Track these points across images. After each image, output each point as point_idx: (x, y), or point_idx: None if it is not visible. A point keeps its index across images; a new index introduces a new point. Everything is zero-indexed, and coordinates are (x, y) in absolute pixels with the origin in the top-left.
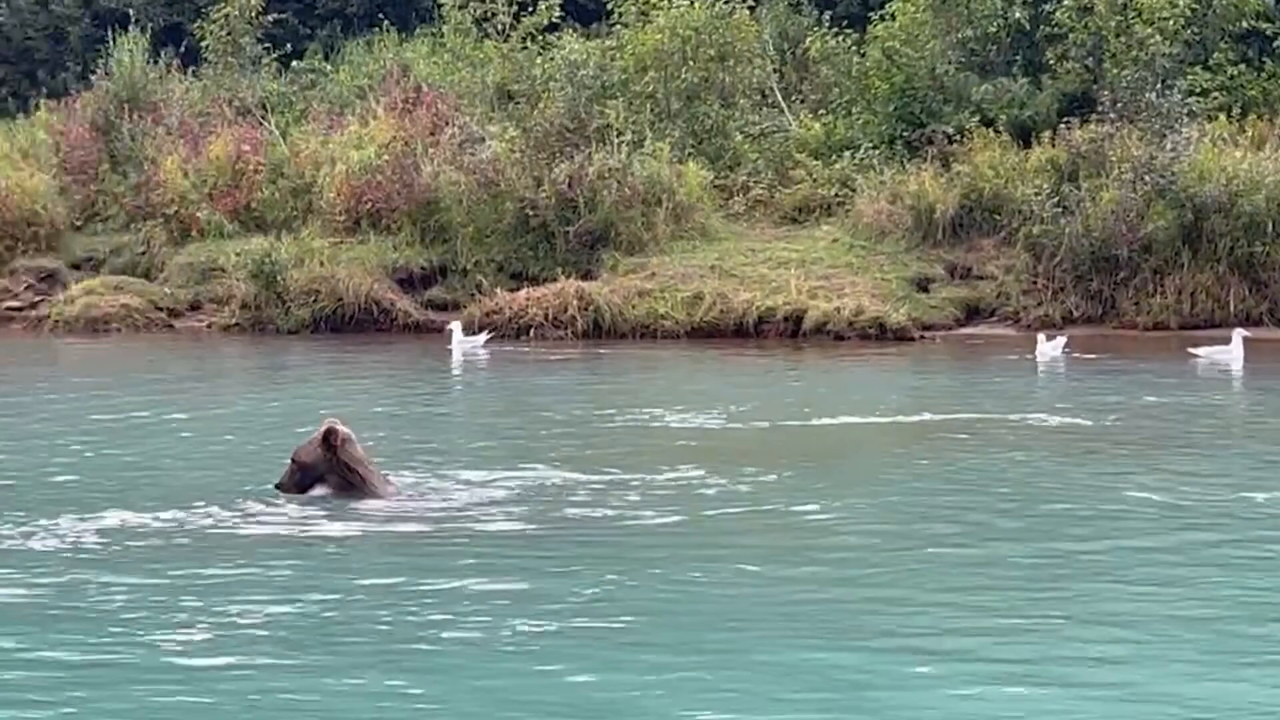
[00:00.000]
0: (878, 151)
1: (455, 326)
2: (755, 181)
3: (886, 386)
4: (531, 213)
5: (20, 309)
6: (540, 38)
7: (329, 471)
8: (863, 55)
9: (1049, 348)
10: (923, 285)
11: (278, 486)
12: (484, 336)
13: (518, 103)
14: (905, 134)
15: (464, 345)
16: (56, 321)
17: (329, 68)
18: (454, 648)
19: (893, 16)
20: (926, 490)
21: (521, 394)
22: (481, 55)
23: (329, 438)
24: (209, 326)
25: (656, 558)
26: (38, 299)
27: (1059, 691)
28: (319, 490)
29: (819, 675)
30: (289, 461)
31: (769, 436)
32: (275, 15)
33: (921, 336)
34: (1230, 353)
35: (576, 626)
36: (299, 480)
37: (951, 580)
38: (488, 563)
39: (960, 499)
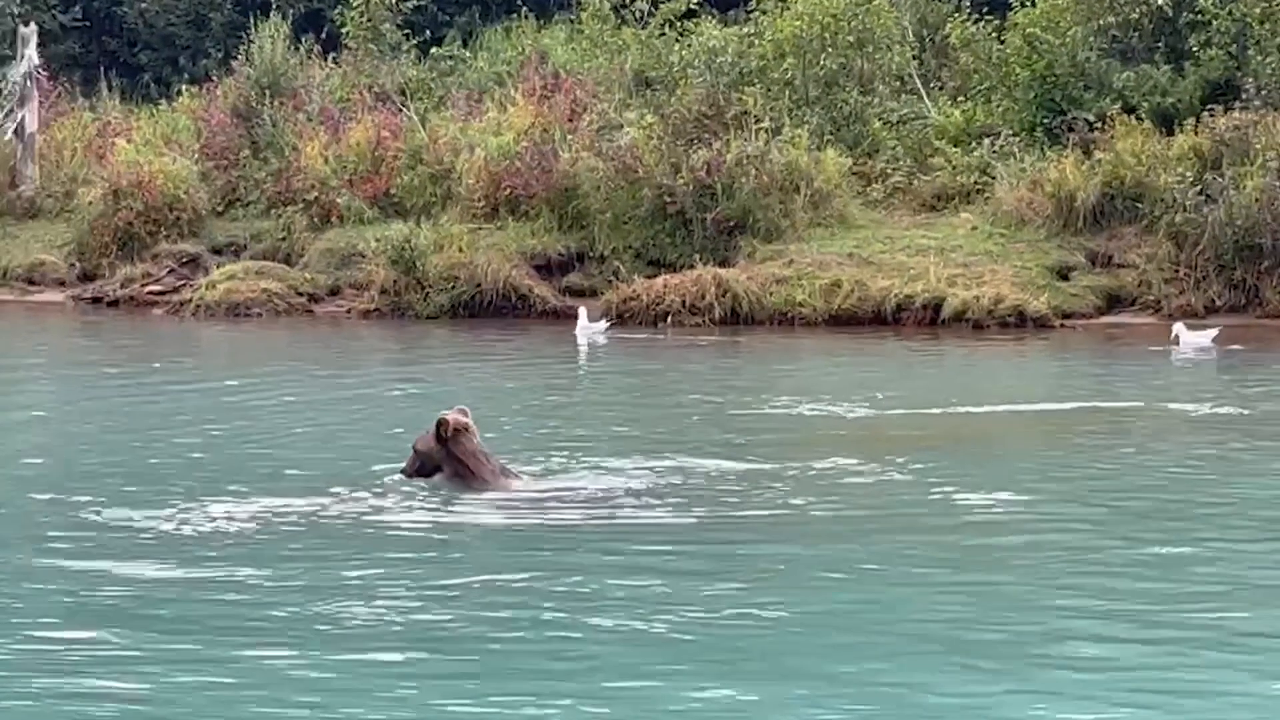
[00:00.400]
0: (1017, 139)
1: (581, 312)
2: (894, 169)
3: (1028, 375)
4: (669, 200)
5: (162, 293)
6: (678, 24)
7: (443, 462)
8: (1002, 42)
9: (1195, 337)
10: (1063, 274)
11: (403, 473)
12: (604, 323)
13: (655, 89)
14: (1046, 121)
15: (587, 331)
16: (198, 306)
17: (467, 54)
18: (602, 645)
19: (1034, 2)
20: (1084, 480)
21: (659, 381)
22: (619, 42)
23: (440, 429)
24: (348, 312)
25: (810, 552)
26: (179, 283)
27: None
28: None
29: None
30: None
31: (913, 425)
32: (415, 2)
33: (1061, 325)
34: None
35: (733, 624)
36: (419, 468)
37: (1125, 579)
38: (629, 557)
39: (1118, 489)
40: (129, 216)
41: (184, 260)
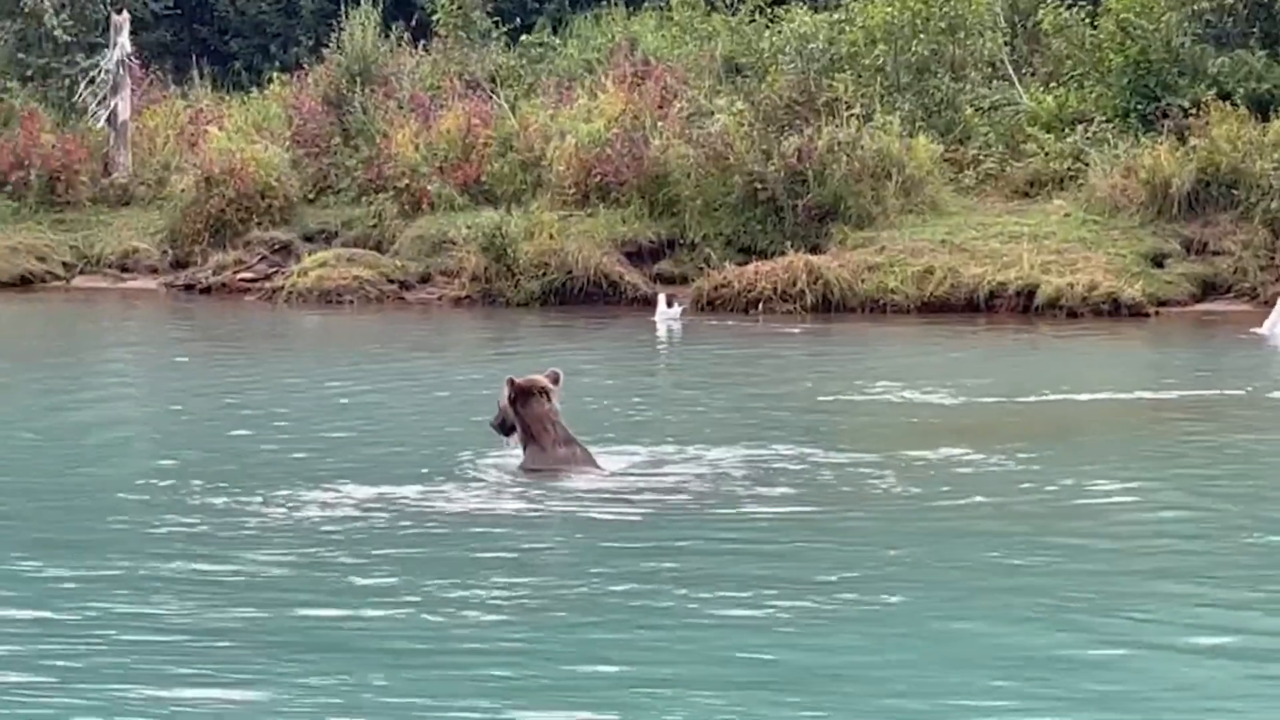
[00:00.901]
0: (1111, 125)
1: (660, 299)
2: (986, 155)
3: (1124, 363)
4: (760, 186)
5: (254, 280)
6: (768, 10)
7: (513, 421)
8: (1095, 27)
9: None
10: (1158, 261)
11: (490, 425)
12: (679, 309)
13: (745, 76)
14: (1140, 107)
15: (665, 318)
16: (290, 293)
17: (557, 41)
18: (721, 624)
19: None
20: (1195, 470)
21: (747, 368)
22: (709, 28)
23: (507, 389)
24: (439, 299)
25: (912, 541)
26: (271, 270)
27: None
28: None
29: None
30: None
31: (1013, 413)
32: None
33: (1156, 312)
34: None
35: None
36: (500, 423)
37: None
38: (727, 543)
39: (1222, 477)
40: (221, 204)
41: (276, 247)
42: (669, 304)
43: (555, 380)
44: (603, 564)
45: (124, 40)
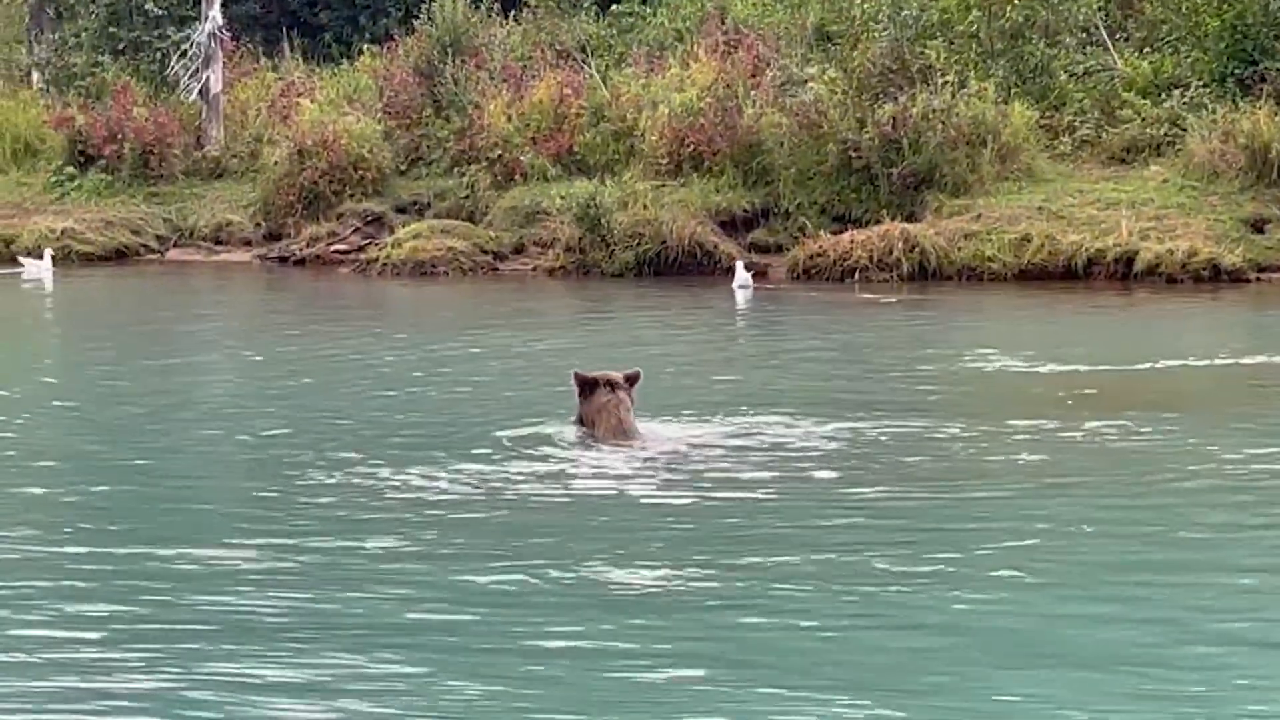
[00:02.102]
0: (1208, 90)
1: (738, 265)
2: (1081, 121)
3: (1227, 329)
4: (854, 154)
5: (347, 252)
6: None
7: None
8: None
9: None
10: (1258, 226)
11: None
12: (749, 275)
13: (836, 44)
14: (1237, 71)
15: (740, 285)
16: (384, 265)
17: (647, 10)
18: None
19: None
20: None
21: (846, 338)
22: None
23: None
24: (533, 270)
25: (1028, 515)
26: (364, 242)
27: None
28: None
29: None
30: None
31: (1116, 381)
32: None
33: (1257, 278)
34: None
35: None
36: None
37: None
38: (832, 520)
39: None
40: (314, 176)
41: (368, 219)
42: (746, 269)
43: (633, 379)
44: (692, 548)
45: (215, 13)
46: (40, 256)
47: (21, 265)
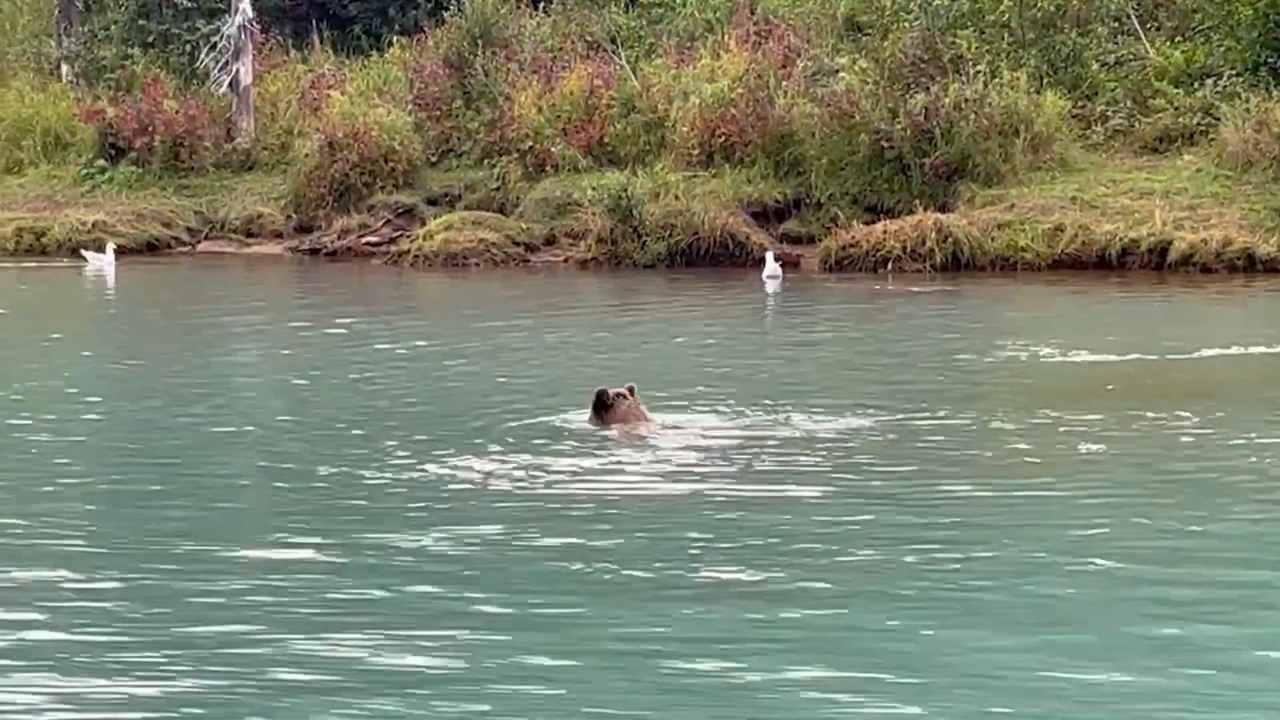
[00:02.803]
0: (1241, 79)
1: (768, 257)
2: (1113, 111)
3: (1266, 318)
4: (886, 145)
5: (379, 244)
6: None
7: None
8: None
9: None
10: None
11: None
12: (778, 266)
13: (866, 34)
14: (1270, 60)
15: (770, 275)
16: (416, 256)
17: (676, 1)
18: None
19: None
20: None
21: (880, 328)
22: None
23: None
24: (565, 261)
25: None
26: (395, 234)
27: None
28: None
29: None
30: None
31: (1159, 370)
32: None
33: None
34: None
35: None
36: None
37: None
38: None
39: None
40: (345, 168)
41: (400, 211)
42: (776, 260)
43: (632, 391)
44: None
45: (245, 5)
46: (103, 250)
47: (85, 259)
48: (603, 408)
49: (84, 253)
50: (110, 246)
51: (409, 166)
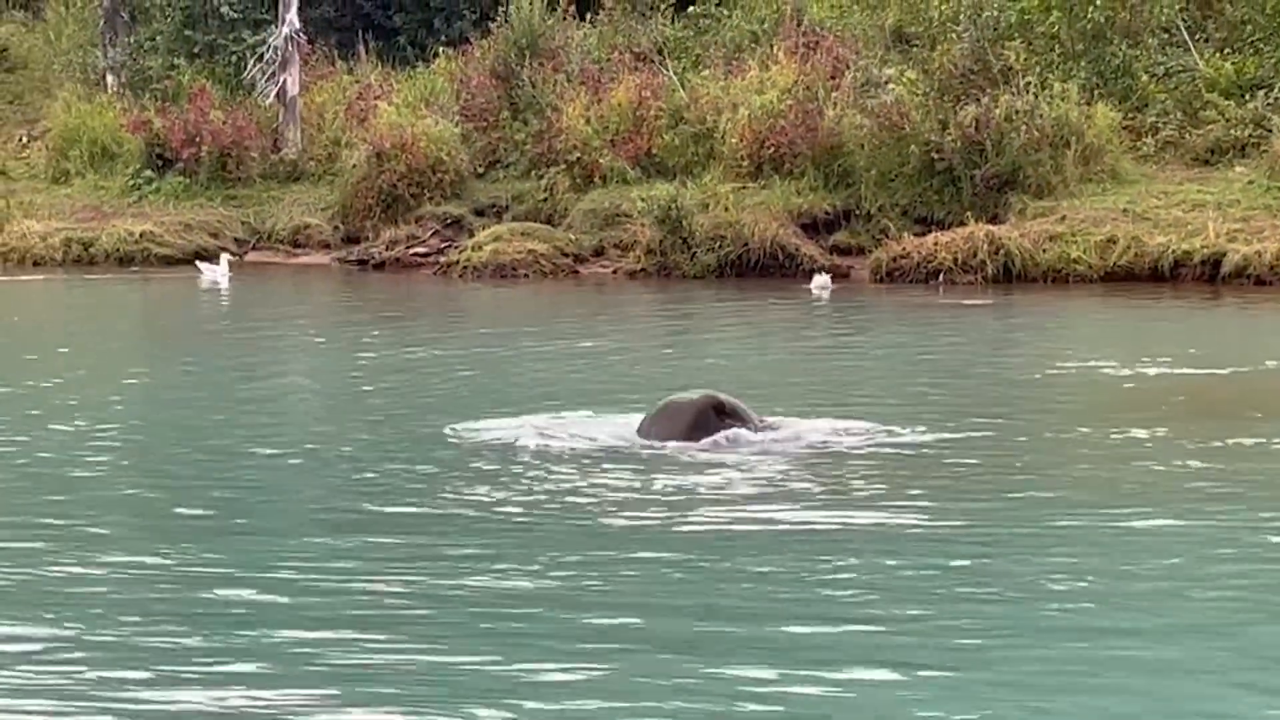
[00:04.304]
0: None
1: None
2: (1164, 122)
3: None
4: (937, 156)
5: (426, 255)
6: None
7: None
8: None
9: None
10: None
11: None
12: (827, 278)
13: (914, 45)
14: None
15: (819, 286)
16: (465, 268)
17: (723, 12)
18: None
19: None
20: None
21: (933, 340)
22: None
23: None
24: (614, 273)
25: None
26: (443, 245)
27: None
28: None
29: None
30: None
31: (1219, 384)
32: None
33: None
34: None
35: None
36: None
37: None
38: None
39: None
40: (392, 179)
41: (447, 222)
42: (821, 273)
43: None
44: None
45: (292, 16)
46: (216, 261)
47: (200, 270)
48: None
49: (199, 264)
50: (225, 257)
51: (456, 177)
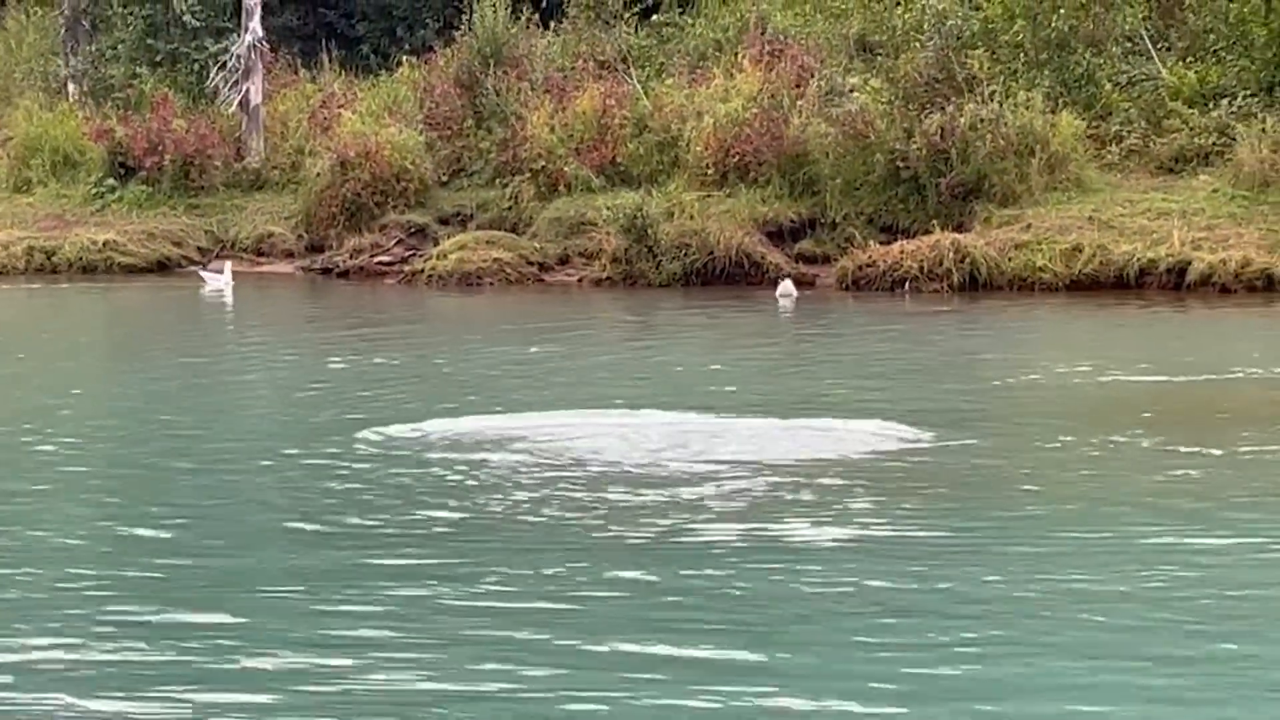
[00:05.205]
0: (1256, 99)
1: (784, 280)
2: (1128, 131)
3: None
4: (902, 165)
5: (391, 264)
6: None
7: None
8: (1231, 0)
9: None
10: None
11: None
12: (790, 284)
13: (878, 54)
14: None
15: (783, 294)
16: (430, 276)
17: (686, 20)
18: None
19: None
20: None
21: (899, 347)
22: (840, 6)
23: None
24: (579, 281)
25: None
26: (408, 253)
27: None
28: None
29: None
30: None
31: (1195, 391)
32: None
33: None
34: None
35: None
36: None
37: None
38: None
39: None
40: (356, 187)
41: (411, 230)
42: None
43: None
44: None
45: (255, 24)
46: (220, 270)
47: (203, 279)
48: None
49: (202, 273)
50: (228, 265)
51: (421, 186)
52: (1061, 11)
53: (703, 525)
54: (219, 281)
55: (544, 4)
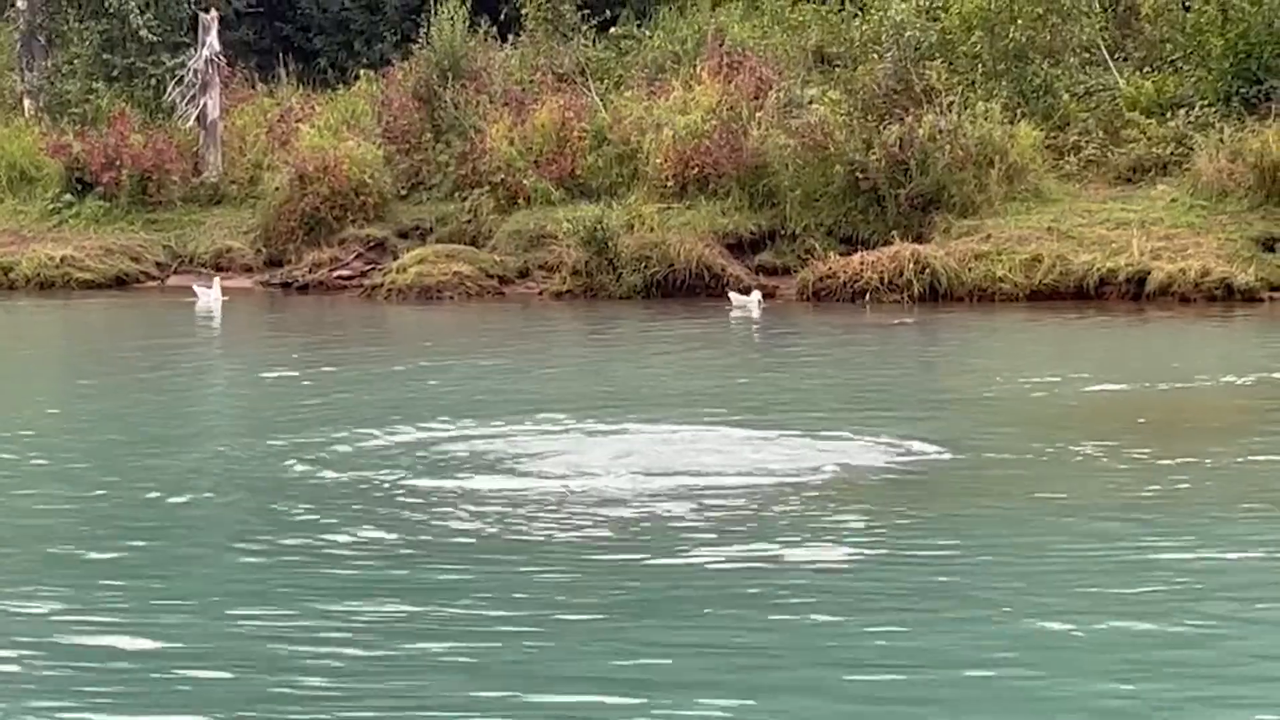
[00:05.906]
0: (1213, 109)
1: (754, 292)
2: (1086, 141)
3: (1248, 347)
4: (861, 176)
5: (351, 278)
6: None
7: None
8: (1188, 10)
9: None
10: (1269, 245)
11: None
12: (757, 296)
13: (836, 65)
14: (1242, 90)
15: (740, 304)
16: (390, 290)
17: (644, 33)
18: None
19: None
20: None
21: (859, 358)
22: (798, 18)
23: None
24: (540, 293)
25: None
26: (367, 268)
27: None
28: None
29: None
30: None
31: (1162, 400)
32: None
33: (1270, 297)
34: None
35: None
36: None
37: None
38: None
39: None
40: (314, 202)
41: (371, 244)
42: (744, 293)
43: None
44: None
45: (212, 39)
46: (209, 285)
47: (195, 294)
48: None
49: (195, 287)
50: (217, 281)
51: (379, 200)
52: (1019, 22)
53: (672, 538)
54: (208, 298)
55: (502, 17)
